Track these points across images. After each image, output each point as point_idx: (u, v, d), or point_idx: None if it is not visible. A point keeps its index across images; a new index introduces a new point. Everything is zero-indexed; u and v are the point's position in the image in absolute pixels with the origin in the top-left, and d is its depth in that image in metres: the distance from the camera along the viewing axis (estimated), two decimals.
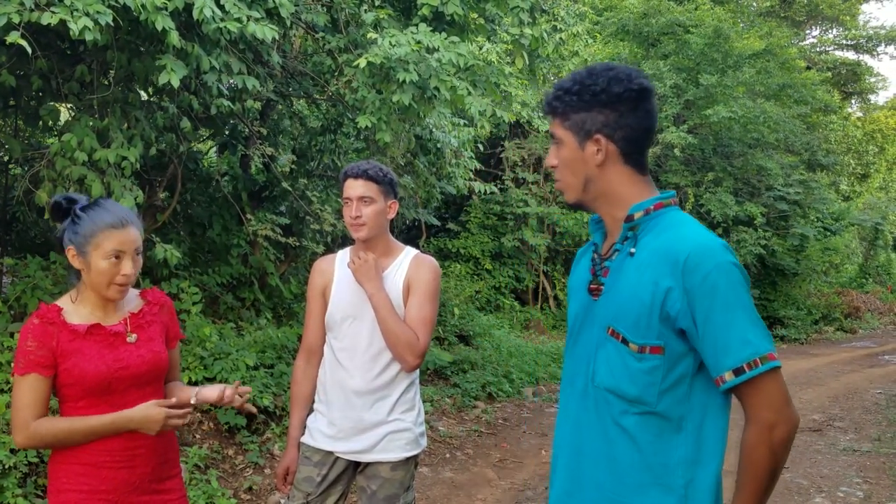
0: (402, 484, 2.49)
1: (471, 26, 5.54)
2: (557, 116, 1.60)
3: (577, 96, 1.56)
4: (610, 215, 1.62)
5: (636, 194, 1.59)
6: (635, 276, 1.53)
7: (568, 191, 1.63)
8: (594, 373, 1.58)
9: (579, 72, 1.59)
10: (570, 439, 1.63)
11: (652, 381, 1.49)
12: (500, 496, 4.79)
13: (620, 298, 1.54)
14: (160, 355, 2.05)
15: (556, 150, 1.63)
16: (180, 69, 3.97)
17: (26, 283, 4.69)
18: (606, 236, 1.68)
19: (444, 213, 13.09)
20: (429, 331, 2.44)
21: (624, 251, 1.58)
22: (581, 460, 1.60)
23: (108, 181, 4.27)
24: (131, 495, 2.00)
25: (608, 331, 1.55)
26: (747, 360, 1.43)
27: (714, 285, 1.44)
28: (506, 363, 8.43)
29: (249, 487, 4.36)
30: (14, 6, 3.41)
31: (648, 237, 1.56)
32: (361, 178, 2.43)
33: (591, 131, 1.56)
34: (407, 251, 2.56)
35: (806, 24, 23.27)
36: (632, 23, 14.90)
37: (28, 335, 1.91)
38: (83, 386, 1.93)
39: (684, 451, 1.50)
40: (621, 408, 1.52)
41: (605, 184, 1.59)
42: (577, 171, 1.60)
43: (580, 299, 1.67)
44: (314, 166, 7.36)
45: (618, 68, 1.56)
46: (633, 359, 1.51)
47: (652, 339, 1.49)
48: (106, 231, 1.93)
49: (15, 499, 3.41)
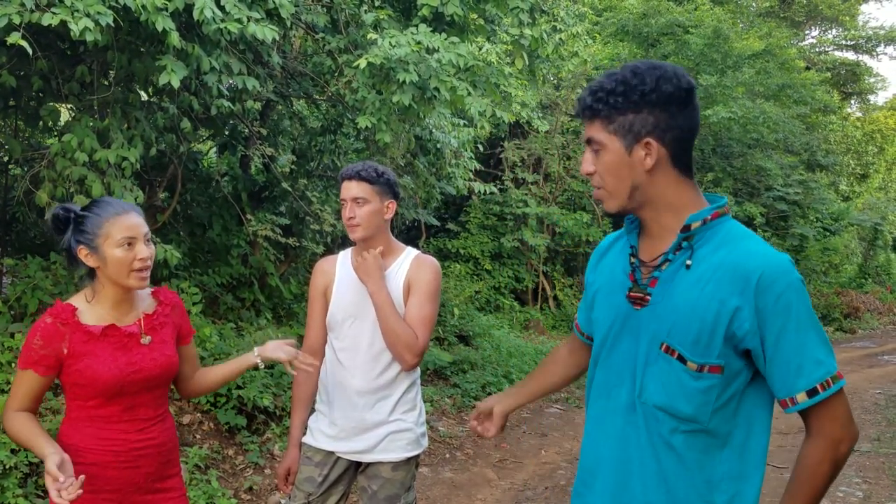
0: (403, 484, 2.49)
1: (470, 27, 5.54)
2: (598, 119, 1.48)
3: (622, 97, 1.44)
4: (656, 221, 1.52)
5: (686, 200, 1.50)
6: (695, 292, 1.44)
7: (611, 199, 1.51)
8: (642, 389, 1.51)
9: (619, 72, 1.47)
10: (614, 455, 1.56)
11: (707, 401, 1.45)
12: (499, 496, 4.79)
13: (677, 314, 1.46)
14: (172, 359, 2.07)
15: (593, 155, 1.51)
16: (180, 70, 3.98)
17: (26, 284, 4.69)
18: (642, 239, 1.58)
19: (444, 213, 13.10)
20: (428, 330, 2.45)
21: (677, 262, 1.49)
22: (629, 478, 1.54)
23: (109, 181, 4.27)
24: (134, 495, 2.01)
25: (662, 347, 1.48)
26: (820, 381, 1.40)
27: (787, 305, 1.39)
28: (505, 363, 8.43)
29: (250, 487, 4.36)
30: (15, 7, 3.41)
31: (705, 249, 1.47)
32: (355, 179, 2.44)
33: (641, 134, 1.45)
34: (408, 251, 2.57)
35: (805, 25, 23.28)
36: (631, 23, 14.91)
37: (37, 332, 1.92)
38: (95, 387, 1.94)
39: (728, 466, 1.47)
40: (672, 425, 1.48)
41: (654, 190, 1.49)
42: (624, 177, 1.48)
43: (615, 305, 1.58)
44: (314, 167, 7.37)
45: (663, 66, 1.46)
46: (690, 377, 1.45)
47: (712, 358, 1.43)
48: (111, 219, 1.94)
49: (16, 499, 3.41)
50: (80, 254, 1.96)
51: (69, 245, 1.98)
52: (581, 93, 1.53)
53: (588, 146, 1.52)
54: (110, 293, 1.99)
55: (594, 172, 1.52)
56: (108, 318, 1.99)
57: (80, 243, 1.96)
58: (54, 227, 2.00)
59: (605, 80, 1.48)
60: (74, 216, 1.98)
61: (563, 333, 12.81)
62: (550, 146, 13.36)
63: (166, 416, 2.12)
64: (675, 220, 1.50)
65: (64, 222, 1.99)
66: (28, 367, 1.92)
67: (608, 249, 1.68)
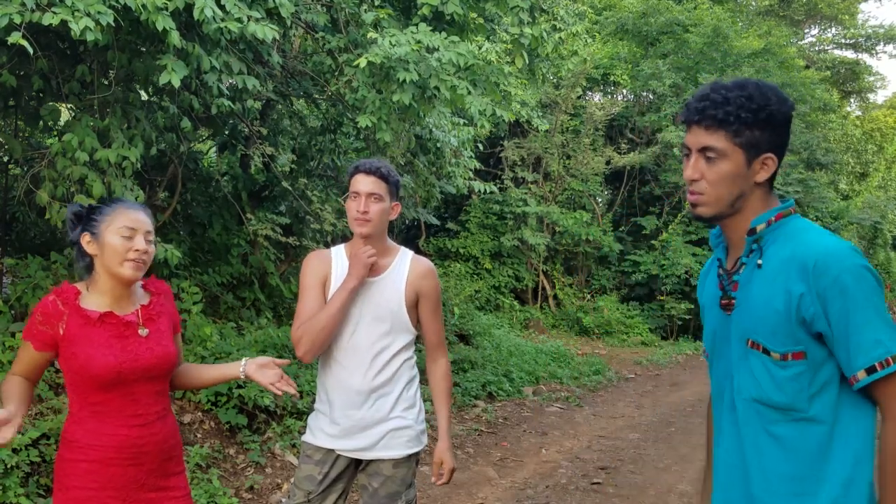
0: (404, 481, 2.49)
1: (470, 26, 5.55)
2: (723, 130, 1.55)
3: (752, 113, 1.53)
4: (739, 230, 1.63)
5: (766, 206, 1.60)
6: (767, 287, 1.55)
7: (713, 205, 1.60)
8: (739, 385, 1.60)
9: (735, 86, 1.56)
10: (724, 454, 1.66)
11: (800, 387, 1.51)
12: (500, 495, 4.80)
13: (755, 310, 1.56)
14: (168, 349, 2.09)
15: (705, 162, 1.58)
16: (181, 69, 3.98)
17: (27, 283, 4.70)
18: (728, 251, 1.69)
19: (444, 212, 13.10)
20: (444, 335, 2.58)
21: (751, 264, 1.60)
22: (732, 473, 1.63)
23: (109, 181, 4.28)
24: (138, 492, 2.02)
25: (748, 343, 1.58)
26: (879, 360, 1.45)
27: (844, 287, 1.46)
28: (506, 362, 8.44)
29: (251, 486, 4.37)
30: (15, 7, 3.42)
31: (774, 248, 1.58)
32: (373, 174, 2.43)
33: (763, 149, 1.55)
34: (403, 252, 2.56)
35: (805, 23, 23.29)
36: (631, 22, 14.91)
37: (40, 308, 1.99)
38: (90, 373, 1.94)
39: (840, 452, 1.51)
40: (773, 417, 1.55)
41: (752, 200, 1.60)
42: (736, 186, 1.58)
43: (714, 316, 1.70)
44: (314, 166, 7.37)
45: (774, 87, 1.57)
46: (777, 367, 1.53)
47: (791, 345, 1.51)
48: (119, 210, 2.02)
49: (17, 498, 3.41)
50: (83, 241, 2.02)
51: (75, 239, 2.04)
52: (696, 99, 1.59)
53: (697, 153, 1.59)
54: (107, 285, 2.02)
55: (699, 179, 1.60)
56: (107, 308, 2.02)
57: (85, 230, 2.02)
58: (70, 223, 2.06)
59: (735, 93, 1.55)
60: (88, 208, 2.05)
61: (563, 332, 12.81)
62: (550, 145, 13.36)
63: (168, 412, 2.13)
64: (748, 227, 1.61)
65: (80, 219, 2.06)
66: (27, 339, 2.01)
67: (708, 270, 1.80)
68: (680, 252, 13.55)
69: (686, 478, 5.30)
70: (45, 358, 2.02)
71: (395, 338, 2.47)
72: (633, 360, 11.09)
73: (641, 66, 14.40)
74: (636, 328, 13.35)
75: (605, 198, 16.05)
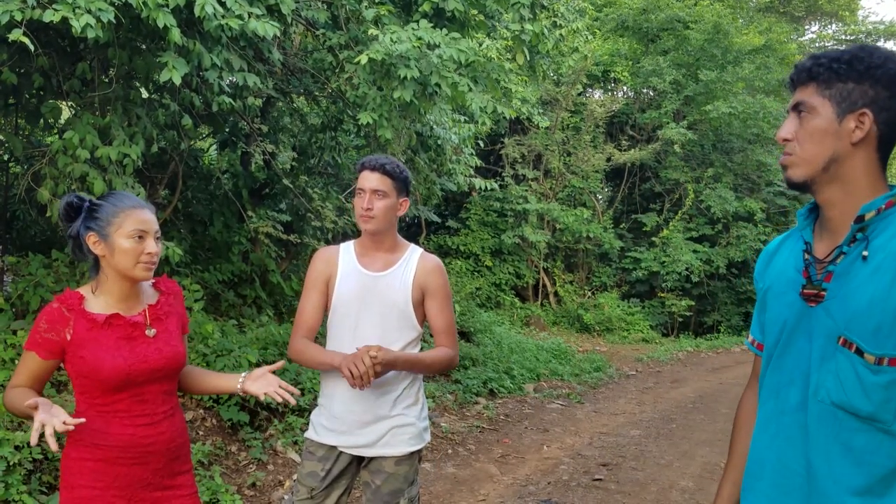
0: (407, 478, 2.49)
1: (471, 22, 5.54)
2: (815, 82, 1.44)
3: (847, 65, 1.41)
4: (837, 207, 1.46)
5: (876, 188, 1.44)
6: (874, 282, 1.39)
7: (802, 165, 1.46)
8: (818, 386, 1.44)
9: (846, 48, 1.45)
10: (776, 456, 1.51)
11: (888, 397, 1.37)
12: (502, 491, 4.80)
13: (855, 305, 1.40)
14: (177, 349, 2.07)
15: (798, 119, 1.46)
16: (181, 66, 3.98)
17: (28, 281, 4.70)
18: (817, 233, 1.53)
19: (445, 209, 13.10)
20: (455, 331, 2.58)
21: (853, 254, 1.43)
22: (791, 479, 1.48)
23: (110, 178, 4.27)
24: (143, 491, 2.01)
25: (839, 341, 1.41)
26: None
27: None
28: (507, 359, 8.44)
29: (253, 483, 4.37)
30: (16, 4, 3.41)
31: (882, 238, 1.41)
32: (378, 171, 2.43)
33: (857, 105, 1.40)
34: (412, 249, 2.57)
35: (805, 20, 23.25)
36: (631, 18, 14.89)
37: (45, 316, 1.96)
38: (99, 377, 1.93)
39: None
40: (853, 425, 1.40)
41: (851, 168, 1.43)
42: (826, 144, 1.43)
43: (789, 303, 1.52)
44: (315, 163, 7.37)
45: (889, 51, 1.43)
46: (869, 371, 1.38)
47: (890, 349, 1.36)
48: (126, 210, 1.97)
49: (20, 496, 3.41)
50: (88, 240, 1.97)
51: (77, 232, 1.99)
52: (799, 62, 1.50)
53: (793, 111, 1.48)
54: (115, 286, 2.00)
55: (791, 140, 1.48)
56: (113, 309, 2.00)
57: (90, 230, 1.97)
58: (65, 214, 2.01)
59: (830, 51, 1.45)
60: (89, 204, 2.00)
61: (563, 329, 12.82)
62: (551, 142, 13.36)
63: (176, 411, 2.11)
64: (855, 209, 1.45)
65: (76, 210, 2.00)
66: (31, 349, 1.96)
67: (777, 250, 1.64)
68: (680, 249, 13.56)
69: (688, 474, 5.30)
70: (51, 366, 1.99)
71: (400, 334, 2.47)
72: (633, 357, 11.10)
73: (642, 63, 14.40)
74: (637, 325, 13.36)
75: (606, 195, 16.05)
